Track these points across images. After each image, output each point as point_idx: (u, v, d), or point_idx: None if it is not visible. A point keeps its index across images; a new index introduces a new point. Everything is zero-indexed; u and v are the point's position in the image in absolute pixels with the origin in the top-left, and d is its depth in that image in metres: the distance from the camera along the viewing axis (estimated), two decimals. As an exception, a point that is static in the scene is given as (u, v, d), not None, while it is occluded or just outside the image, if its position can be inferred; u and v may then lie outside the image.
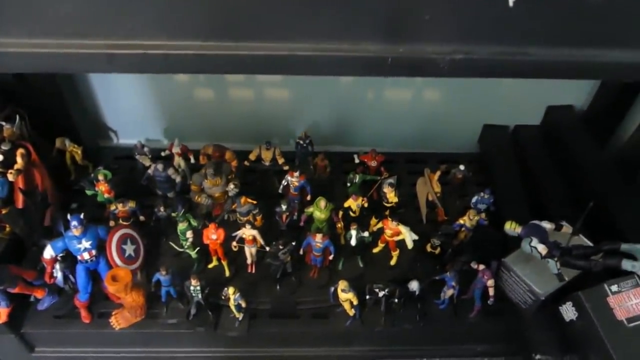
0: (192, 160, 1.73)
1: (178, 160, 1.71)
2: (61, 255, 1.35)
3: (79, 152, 1.71)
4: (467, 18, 0.76)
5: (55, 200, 1.63)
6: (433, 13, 0.76)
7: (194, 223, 1.42)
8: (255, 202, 1.45)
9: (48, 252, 1.31)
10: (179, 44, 0.76)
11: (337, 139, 2.01)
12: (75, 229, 1.27)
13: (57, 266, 1.38)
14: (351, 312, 1.39)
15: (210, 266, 1.49)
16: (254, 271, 1.49)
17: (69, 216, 1.28)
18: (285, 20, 0.76)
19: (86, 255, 1.32)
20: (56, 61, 0.78)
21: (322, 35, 0.77)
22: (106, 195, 1.57)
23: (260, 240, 1.40)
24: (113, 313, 1.43)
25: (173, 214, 1.44)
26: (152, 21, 0.75)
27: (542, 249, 1.28)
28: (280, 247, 1.35)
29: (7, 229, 1.52)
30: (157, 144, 1.99)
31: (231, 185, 1.47)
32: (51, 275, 1.36)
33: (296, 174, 1.51)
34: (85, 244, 1.30)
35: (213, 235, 1.39)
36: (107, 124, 1.96)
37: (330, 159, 1.75)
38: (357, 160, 1.76)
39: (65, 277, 1.41)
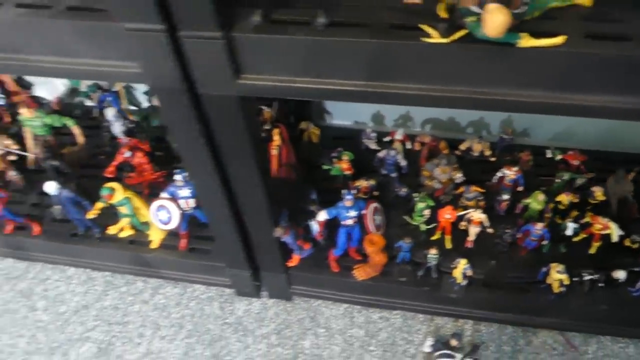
0: (409, 146, 2.06)
1: (397, 146, 2.04)
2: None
3: (317, 132, 2.10)
4: None
5: (299, 172, 2.04)
6: None
7: (431, 203, 1.75)
8: (482, 190, 1.74)
9: (322, 216, 1.70)
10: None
11: (525, 132, 2.23)
12: (348, 201, 1.65)
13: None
14: (558, 290, 1.67)
15: (432, 238, 1.83)
16: (471, 246, 1.80)
17: (343, 191, 1.66)
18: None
19: (350, 222, 1.70)
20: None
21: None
22: (346, 172, 1.95)
23: (487, 223, 1.70)
24: (355, 267, 1.83)
25: (414, 194, 1.78)
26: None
27: None
28: (507, 230, 1.65)
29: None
30: (362, 126, 2.34)
31: (458, 174, 1.78)
32: (321, 233, 1.78)
33: (514, 168, 1.77)
34: (352, 213, 1.68)
35: (447, 214, 1.72)
36: (325, 107, 2.34)
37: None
38: (549, 155, 1.98)
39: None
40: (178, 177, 1.70)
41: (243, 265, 1.83)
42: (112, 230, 1.91)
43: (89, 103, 2.30)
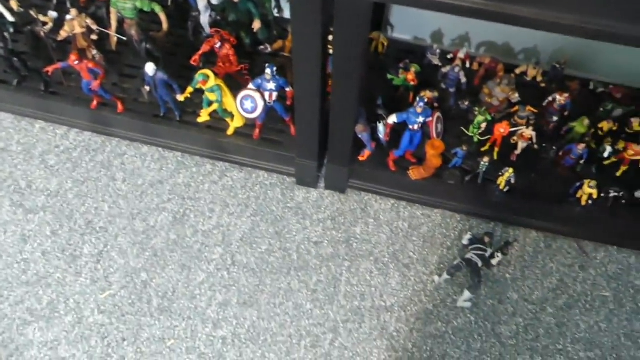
0: (468, 65, 2.23)
1: (458, 63, 2.21)
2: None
3: (386, 43, 2.25)
4: None
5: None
6: None
7: (489, 117, 1.97)
8: (536, 111, 1.96)
9: (392, 119, 1.92)
10: None
11: (576, 65, 2.39)
12: (419, 108, 1.86)
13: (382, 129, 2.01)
14: (585, 203, 1.95)
15: (483, 149, 2.07)
16: (515, 159, 2.05)
17: (417, 99, 1.86)
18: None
19: (416, 127, 1.93)
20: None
21: None
22: (412, 83, 2.13)
23: (535, 139, 1.94)
24: (411, 167, 2.08)
25: (475, 108, 1.99)
26: None
27: None
28: (553, 147, 1.90)
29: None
30: (421, 42, 2.49)
31: (516, 95, 1.99)
32: (388, 135, 2.00)
33: (565, 95, 1.98)
34: (420, 119, 1.90)
35: (502, 129, 1.94)
36: (389, 19, 2.46)
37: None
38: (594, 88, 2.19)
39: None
40: (268, 71, 1.88)
41: (313, 156, 2.06)
42: (203, 115, 2.11)
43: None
